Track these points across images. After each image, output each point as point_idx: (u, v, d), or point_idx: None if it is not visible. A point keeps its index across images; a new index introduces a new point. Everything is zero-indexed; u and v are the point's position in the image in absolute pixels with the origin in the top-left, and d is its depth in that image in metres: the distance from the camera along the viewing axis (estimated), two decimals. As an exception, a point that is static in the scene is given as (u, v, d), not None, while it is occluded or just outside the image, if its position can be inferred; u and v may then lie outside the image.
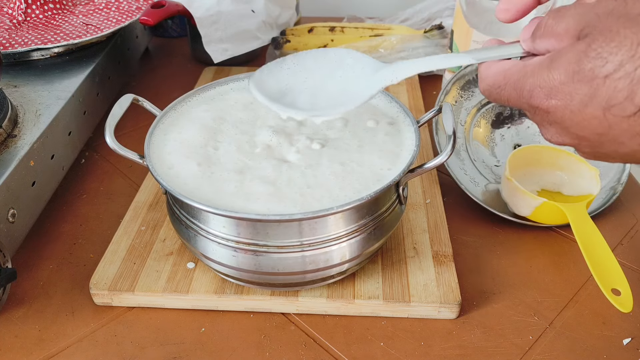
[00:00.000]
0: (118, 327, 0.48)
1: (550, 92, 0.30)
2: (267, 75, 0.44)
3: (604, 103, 0.28)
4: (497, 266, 0.54)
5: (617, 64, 0.27)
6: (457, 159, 0.63)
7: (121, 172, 0.68)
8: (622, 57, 0.27)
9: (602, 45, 0.27)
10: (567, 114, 0.30)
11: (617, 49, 0.27)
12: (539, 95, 0.31)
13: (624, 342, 0.46)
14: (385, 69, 0.40)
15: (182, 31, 1.03)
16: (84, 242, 0.57)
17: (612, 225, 0.59)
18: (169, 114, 0.53)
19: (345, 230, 0.45)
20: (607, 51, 0.27)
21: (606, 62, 0.27)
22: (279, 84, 0.43)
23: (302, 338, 0.47)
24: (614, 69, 0.27)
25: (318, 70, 0.43)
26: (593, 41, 0.28)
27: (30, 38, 0.72)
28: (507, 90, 0.33)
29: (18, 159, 0.51)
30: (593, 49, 0.28)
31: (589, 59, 0.28)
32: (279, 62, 0.44)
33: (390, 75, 0.40)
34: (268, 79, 0.44)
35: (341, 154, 0.48)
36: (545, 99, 0.30)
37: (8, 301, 0.50)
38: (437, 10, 0.98)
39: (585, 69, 0.28)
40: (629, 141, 0.29)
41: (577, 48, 0.29)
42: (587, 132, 0.30)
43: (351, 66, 0.43)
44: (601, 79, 0.28)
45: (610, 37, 0.27)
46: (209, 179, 0.45)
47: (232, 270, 0.46)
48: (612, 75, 0.27)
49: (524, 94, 0.32)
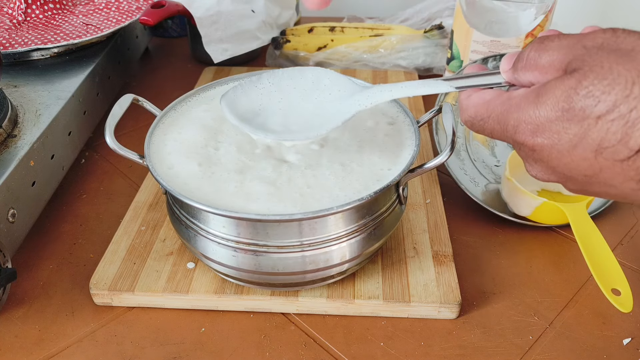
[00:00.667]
0: (118, 327, 0.48)
1: (536, 130, 0.28)
2: (240, 94, 0.43)
3: (596, 145, 0.26)
4: (497, 266, 0.54)
5: (610, 104, 0.25)
6: (457, 159, 0.63)
7: (121, 172, 0.68)
8: (615, 97, 0.25)
9: (594, 82, 0.25)
10: (554, 153, 0.28)
11: (610, 87, 0.25)
12: (524, 132, 0.29)
13: (624, 342, 0.46)
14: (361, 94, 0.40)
15: (182, 31, 1.03)
16: (84, 242, 0.57)
17: (612, 225, 0.59)
18: (169, 114, 0.53)
19: (345, 230, 0.45)
20: (599, 90, 0.25)
21: (598, 101, 0.25)
22: (252, 103, 0.42)
23: (302, 338, 0.47)
24: (607, 109, 0.25)
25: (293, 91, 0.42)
26: (584, 77, 0.26)
27: (30, 38, 0.72)
28: (490, 124, 0.31)
29: (18, 159, 0.51)
30: (584, 86, 0.26)
31: (579, 97, 0.26)
32: (254, 81, 0.44)
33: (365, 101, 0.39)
34: (241, 98, 0.43)
35: (341, 154, 0.48)
36: (530, 136, 0.28)
37: (8, 301, 0.50)
38: (437, 10, 0.98)
39: (575, 107, 0.26)
40: (621, 185, 0.27)
41: (566, 84, 0.26)
42: (575, 173, 0.28)
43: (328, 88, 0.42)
44: (593, 120, 0.26)
45: (602, 74, 0.25)
46: (209, 179, 0.45)
47: (232, 270, 0.46)
48: (605, 116, 0.25)
49: (509, 129, 0.30)
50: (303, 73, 0.42)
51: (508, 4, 0.64)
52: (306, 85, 0.43)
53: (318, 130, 0.40)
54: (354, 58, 0.88)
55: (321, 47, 0.90)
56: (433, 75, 0.88)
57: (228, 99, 0.43)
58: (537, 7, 0.62)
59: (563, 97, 0.26)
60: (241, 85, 0.44)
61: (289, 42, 0.90)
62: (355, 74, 0.86)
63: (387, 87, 0.38)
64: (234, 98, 0.43)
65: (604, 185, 0.28)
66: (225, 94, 0.44)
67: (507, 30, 0.67)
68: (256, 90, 0.43)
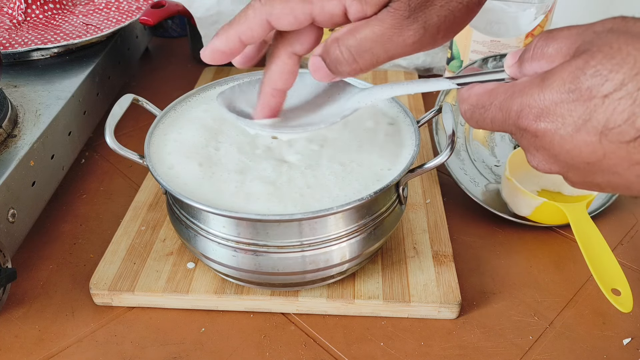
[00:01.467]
0: (118, 327, 0.48)
1: (540, 113, 0.27)
2: (238, 93, 0.43)
3: (601, 126, 0.25)
4: (497, 266, 0.54)
5: (618, 82, 0.24)
6: (457, 159, 0.63)
7: (121, 172, 0.68)
8: (623, 76, 0.24)
9: (602, 62, 0.25)
10: (556, 139, 0.27)
11: (619, 66, 0.24)
12: (527, 116, 0.28)
13: (624, 342, 0.46)
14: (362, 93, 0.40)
15: (182, 31, 1.03)
16: (83, 242, 0.57)
17: (612, 225, 0.59)
18: (169, 114, 0.53)
19: (345, 230, 0.45)
20: (607, 68, 0.25)
21: (606, 80, 0.24)
22: (250, 103, 0.42)
23: (302, 338, 0.47)
24: (614, 88, 0.24)
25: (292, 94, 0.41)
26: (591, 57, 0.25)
27: (30, 38, 0.72)
28: (491, 111, 0.30)
29: (18, 159, 0.51)
30: (591, 65, 0.25)
31: (586, 77, 0.25)
32: (253, 83, 0.44)
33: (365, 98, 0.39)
34: (239, 98, 0.43)
35: (341, 154, 0.48)
36: (534, 120, 0.27)
37: (8, 301, 0.50)
38: (437, 10, 0.98)
39: (582, 87, 0.25)
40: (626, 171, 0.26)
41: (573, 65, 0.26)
42: (578, 160, 0.27)
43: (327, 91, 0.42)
44: (599, 99, 0.25)
45: (611, 53, 0.25)
46: (209, 179, 0.45)
47: (232, 270, 0.46)
48: (612, 94, 0.24)
49: (511, 115, 0.29)
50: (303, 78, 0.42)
51: (508, 4, 0.64)
52: (306, 89, 0.43)
53: (317, 125, 0.40)
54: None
55: (321, 47, 0.89)
56: (433, 76, 0.88)
57: (225, 96, 0.43)
58: (537, 7, 0.62)
59: (570, 78, 0.26)
60: (239, 86, 0.44)
61: (289, 42, 0.90)
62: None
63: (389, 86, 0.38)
64: (232, 96, 0.43)
65: (608, 173, 0.27)
66: (223, 91, 0.44)
67: (507, 30, 0.67)
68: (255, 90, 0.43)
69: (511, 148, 0.65)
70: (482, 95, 0.31)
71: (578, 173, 0.28)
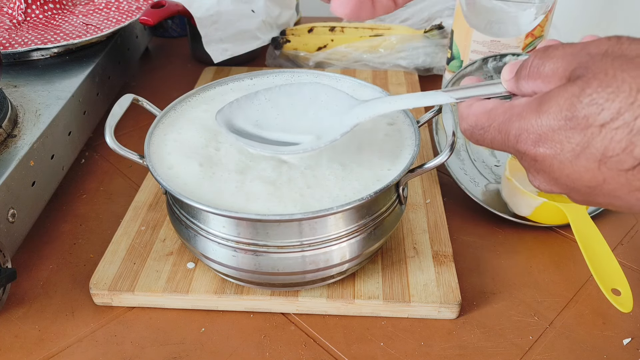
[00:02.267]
0: (118, 327, 0.48)
1: (538, 139, 0.27)
2: (236, 110, 0.43)
3: (599, 155, 0.25)
4: (497, 266, 0.54)
5: (614, 112, 0.24)
6: (457, 159, 0.63)
7: (121, 172, 0.68)
8: (620, 105, 0.24)
9: (598, 90, 0.25)
10: (555, 164, 0.27)
11: (615, 95, 0.24)
12: (526, 141, 0.28)
13: (624, 342, 0.46)
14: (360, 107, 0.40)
15: (182, 31, 1.03)
16: (83, 242, 0.57)
17: (612, 225, 0.59)
18: (169, 114, 0.53)
19: (345, 230, 0.45)
20: (603, 97, 0.25)
21: (602, 109, 0.25)
22: (249, 119, 0.42)
23: (302, 338, 0.47)
24: (611, 117, 0.24)
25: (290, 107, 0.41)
26: (587, 85, 0.25)
27: (30, 38, 0.72)
28: (490, 133, 0.30)
29: (18, 159, 0.51)
30: (587, 94, 0.25)
31: (582, 105, 0.25)
32: (250, 97, 0.44)
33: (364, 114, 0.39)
34: (237, 114, 0.43)
35: (341, 154, 0.48)
36: (532, 145, 0.28)
37: (8, 301, 0.50)
38: (437, 10, 0.98)
39: (578, 116, 0.25)
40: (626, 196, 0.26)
41: (569, 91, 0.26)
42: (578, 184, 0.27)
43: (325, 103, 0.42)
44: (596, 128, 0.25)
45: (607, 81, 0.25)
46: (210, 179, 0.45)
47: (232, 270, 0.46)
48: (609, 124, 0.25)
49: (510, 138, 0.29)
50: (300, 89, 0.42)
51: (508, 4, 0.64)
52: (304, 101, 0.42)
53: (316, 143, 0.40)
54: (354, 58, 0.88)
55: (321, 47, 0.90)
56: (433, 75, 0.88)
57: (224, 114, 0.43)
58: (537, 7, 0.62)
59: (566, 106, 0.26)
60: (237, 102, 0.44)
61: (289, 42, 0.90)
62: (355, 74, 0.86)
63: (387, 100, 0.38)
64: (230, 113, 0.43)
65: (609, 197, 0.27)
66: (221, 109, 0.44)
67: (507, 30, 0.67)
68: (252, 106, 0.43)
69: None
70: (481, 116, 0.31)
71: (580, 195, 0.28)
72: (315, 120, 0.42)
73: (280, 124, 0.42)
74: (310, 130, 0.41)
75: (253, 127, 0.43)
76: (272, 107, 0.43)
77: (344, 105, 0.41)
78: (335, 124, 0.40)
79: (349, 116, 0.40)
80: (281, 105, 0.43)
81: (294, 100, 0.40)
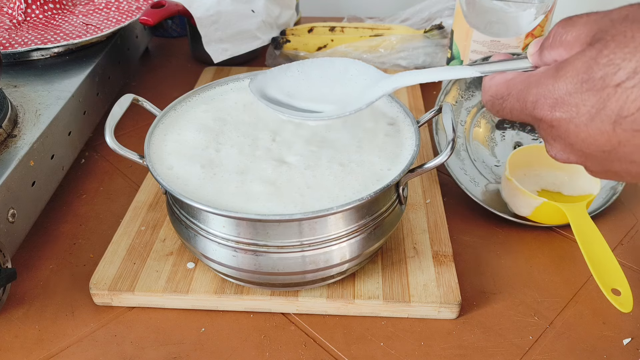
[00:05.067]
0: (118, 327, 0.48)
1: (555, 104, 0.27)
2: (270, 79, 0.44)
3: (614, 115, 0.25)
4: (497, 266, 0.54)
5: (630, 70, 0.24)
6: (457, 159, 0.63)
7: (121, 172, 0.68)
8: (636, 64, 0.24)
9: (615, 50, 0.25)
10: (571, 128, 0.27)
11: (631, 54, 0.24)
12: (543, 107, 0.28)
13: (624, 342, 0.46)
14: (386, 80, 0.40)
15: (182, 31, 1.03)
16: (83, 242, 0.57)
17: (612, 225, 0.59)
18: (169, 114, 0.53)
19: (345, 230, 0.45)
20: (619, 57, 0.25)
21: (619, 69, 0.25)
22: (281, 89, 0.44)
23: (302, 338, 0.47)
24: (627, 76, 0.24)
25: (321, 80, 0.43)
26: (605, 47, 0.25)
27: (30, 38, 0.72)
28: (510, 102, 0.31)
29: (18, 159, 0.51)
30: (604, 55, 0.25)
31: (599, 67, 0.25)
32: (284, 69, 0.45)
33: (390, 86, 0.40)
34: (270, 84, 0.44)
35: (341, 155, 0.48)
36: (549, 110, 0.28)
37: (8, 301, 0.50)
38: (437, 10, 0.98)
39: (595, 77, 0.25)
40: None
41: (587, 55, 0.26)
42: (594, 149, 0.27)
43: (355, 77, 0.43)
44: (612, 88, 0.25)
45: (625, 42, 0.25)
46: (210, 179, 0.45)
47: (232, 270, 0.46)
48: (624, 83, 0.24)
49: (528, 105, 0.29)
50: (333, 63, 0.43)
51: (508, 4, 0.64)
52: (335, 75, 0.43)
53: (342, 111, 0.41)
54: (354, 58, 0.88)
55: (321, 47, 0.90)
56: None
57: (257, 83, 0.44)
58: (537, 7, 0.62)
59: (583, 69, 0.26)
60: (271, 72, 0.45)
61: (289, 42, 0.90)
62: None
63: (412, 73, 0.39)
64: (263, 82, 0.44)
65: (625, 162, 0.27)
66: (254, 78, 0.44)
67: (507, 30, 0.67)
68: (285, 77, 0.44)
69: (511, 148, 0.65)
70: (501, 86, 0.32)
71: (596, 162, 0.28)
72: (344, 92, 0.43)
73: (310, 94, 0.43)
74: (339, 101, 0.42)
75: (284, 97, 0.44)
76: (303, 79, 0.44)
77: (372, 79, 0.42)
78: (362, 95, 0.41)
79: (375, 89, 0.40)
80: (312, 77, 0.44)
81: (325, 73, 0.42)
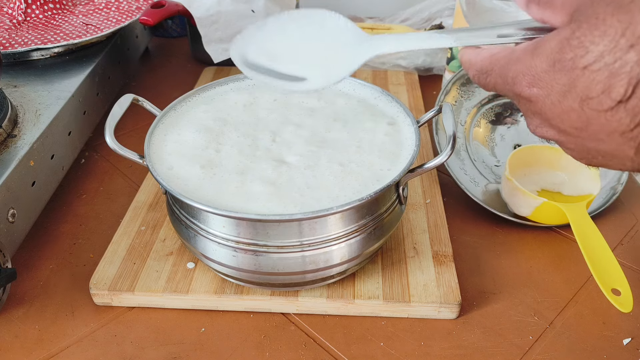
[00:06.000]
0: (118, 327, 0.48)
1: (532, 80, 0.29)
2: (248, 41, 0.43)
3: (582, 95, 0.27)
4: (497, 266, 0.54)
5: (597, 54, 0.25)
6: (457, 159, 0.63)
7: (121, 172, 0.68)
8: (603, 48, 0.25)
9: (586, 33, 0.26)
10: (547, 103, 0.29)
11: (600, 38, 0.25)
12: (521, 83, 0.29)
13: (624, 342, 0.46)
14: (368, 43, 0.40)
15: (182, 31, 1.03)
16: (83, 242, 0.57)
17: (612, 225, 0.59)
18: (169, 114, 0.53)
19: (345, 230, 0.45)
20: (589, 40, 0.26)
21: (587, 51, 0.26)
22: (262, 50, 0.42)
23: (302, 338, 0.47)
24: (593, 59, 0.26)
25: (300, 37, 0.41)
26: (578, 28, 0.26)
27: (30, 38, 0.72)
28: (493, 77, 0.32)
29: (18, 159, 0.51)
30: (576, 36, 0.26)
31: (570, 48, 0.26)
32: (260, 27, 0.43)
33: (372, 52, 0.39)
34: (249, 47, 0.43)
35: (340, 155, 0.48)
36: (527, 87, 0.29)
37: (8, 301, 0.50)
38: (437, 10, 0.98)
39: (565, 58, 0.27)
40: (607, 138, 0.28)
41: (561, 34, 0.27)
42: (567, 125, 0.29)
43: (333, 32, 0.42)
44: (580, 70, 0.26)
45: (596, 24, 0.26)
46: (210, 179, 0.45)
47: (232, 270, 0.46)
48: (591, 66, 0.26)
49: (508, 81, 0.30)
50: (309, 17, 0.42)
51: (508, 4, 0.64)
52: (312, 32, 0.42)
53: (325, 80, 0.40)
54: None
55: (321, 47, 0.89)
56: (433, 75, 0.88)
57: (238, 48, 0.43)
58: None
59: (557, 48, 0.27)
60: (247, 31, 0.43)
61: (289, 42, 0.90)
62: (355, 73, 0.85)
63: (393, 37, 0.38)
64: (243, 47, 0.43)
65: (595, 140, 0.28)
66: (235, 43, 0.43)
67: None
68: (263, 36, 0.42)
69: (511, 148, 0.65)
70: (485, 61, 0.33)
71: (571, 139, 0.30)
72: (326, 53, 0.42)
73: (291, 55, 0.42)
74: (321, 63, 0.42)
75: (266, 60, 0.42)
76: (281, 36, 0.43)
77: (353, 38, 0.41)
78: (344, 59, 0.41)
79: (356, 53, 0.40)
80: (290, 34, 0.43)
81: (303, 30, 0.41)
